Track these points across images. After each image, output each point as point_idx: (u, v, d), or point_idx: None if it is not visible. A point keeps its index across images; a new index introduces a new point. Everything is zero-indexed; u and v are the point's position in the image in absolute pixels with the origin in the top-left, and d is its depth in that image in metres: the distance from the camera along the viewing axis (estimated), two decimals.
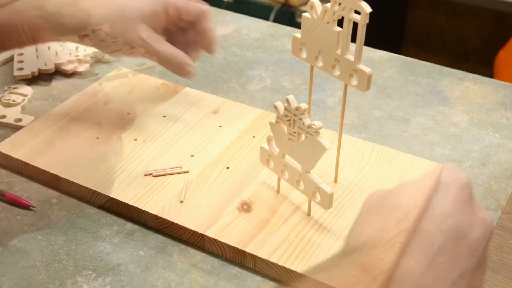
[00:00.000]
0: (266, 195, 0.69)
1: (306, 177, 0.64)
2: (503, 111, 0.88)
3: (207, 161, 0.74)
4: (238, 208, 0.68)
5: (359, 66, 0.62)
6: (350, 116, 0.86)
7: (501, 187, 0.74)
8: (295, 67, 0.97)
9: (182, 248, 0.66)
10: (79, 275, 0.62)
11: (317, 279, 0.51)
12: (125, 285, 0.61)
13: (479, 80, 0.95)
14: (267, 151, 0.68)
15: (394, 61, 1.00)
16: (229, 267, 0.64)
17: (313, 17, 0.63)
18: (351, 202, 0.69)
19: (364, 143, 0.78)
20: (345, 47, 0.62)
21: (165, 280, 0.62)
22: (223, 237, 0.64)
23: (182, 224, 0.65)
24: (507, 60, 1.68)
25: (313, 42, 0.65)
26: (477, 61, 2.36)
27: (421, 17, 2.45)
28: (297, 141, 0.63)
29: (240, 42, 1.04)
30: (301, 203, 0.68)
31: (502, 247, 0.65)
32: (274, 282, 0.62)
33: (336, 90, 0.92)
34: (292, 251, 0.62)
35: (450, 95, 0.91)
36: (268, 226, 0.65)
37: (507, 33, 1.96)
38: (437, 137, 0.82)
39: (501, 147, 0.81)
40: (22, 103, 0.86)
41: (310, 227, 0.65)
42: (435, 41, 2.46)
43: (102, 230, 0.68)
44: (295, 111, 0.62)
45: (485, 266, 0.47)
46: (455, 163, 0.78)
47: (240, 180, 0.71)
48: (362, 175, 0.72)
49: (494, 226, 0.49)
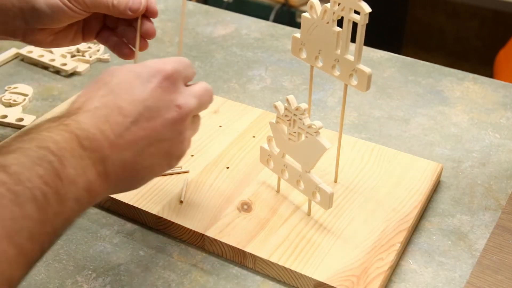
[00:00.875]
0: (266, 195, 0.69)
1: (306, 177, 0.64)
2: (503, 111, 0.88)
3: (207, 161, 0.74)
4: (238, 208, 0.68)
5: (359, 66, 0.62)
6: (350, 116, 0.86)
7: (501, 187, 0.74)
8: (295, 67, 0.97)
9: (182, 248, 0.66)
10: (79, 275, 0.62)
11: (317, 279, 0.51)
12: (125, 285, 0.61)
13: (479, 80, 0.95)
14: (267, 151, 0.68)
15: (394, 61, 1.00)
16: (229, 267, 0.64)
17: (312, 17, 0.63)
18: (351, 202, 0.69)
19: (364, 143, 0.78)
20: (344, 47, 0.62)
21: (165, 280, 0.62)
22: (223, 237, 0.64)
23: (182, 224, 0.65)
24: (507, 60, 1.68)
25: (313, 42, 0.65)
26: (477, 61, 2.36)
27: (421, 17, 2.45)
28: (297, 141, 0.63)
29: (240, 42, 1.04)
30: (301, 203, 0.68)
31: (502, 247, 0.65)
32: (274, 282, 0.62)
33: (336, 90, 0.92)
34: (292, 251, 0.62)
35: (450, 95, 0.91)
36: (268, 226, 0.65)
37: (507, 33, 1.96)
38: (437, 137, 0.83)
39: (501, 147, 0.81)
40: (23, 102, 0.86)
41: (310, 227, 0.65)
42: (435, 41, 2.46)
43: (102, 230, 0.68)
44: (295, 111, 0.62)
45: (186, 136, 0.57)
46: (455, 162, 0.78)
47: (240, 180, 0.71)
48: (362, 175, 0.72)
49: (192, 108, 0.57)
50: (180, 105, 0.55)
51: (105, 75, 0.55)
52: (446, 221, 0.69)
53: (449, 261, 0.64)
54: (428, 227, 0.68)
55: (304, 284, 0.61)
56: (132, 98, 0.53)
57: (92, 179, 0.49)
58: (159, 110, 0.54)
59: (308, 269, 0.60)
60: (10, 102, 0.85)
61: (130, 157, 0.53)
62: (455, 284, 0.62)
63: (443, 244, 0.66)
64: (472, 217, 0.70)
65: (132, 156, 0.53)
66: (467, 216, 0.70)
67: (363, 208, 0.68)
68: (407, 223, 0.66)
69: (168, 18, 1.13)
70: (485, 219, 0.69)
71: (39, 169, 0.45)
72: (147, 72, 0.55)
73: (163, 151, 0.55)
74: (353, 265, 0.61)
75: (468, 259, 0.65)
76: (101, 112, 0.52)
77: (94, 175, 0.50)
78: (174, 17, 1.13)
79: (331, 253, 0.62)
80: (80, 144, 0.49)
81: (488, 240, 0.66)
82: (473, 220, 0.69)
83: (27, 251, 0.42)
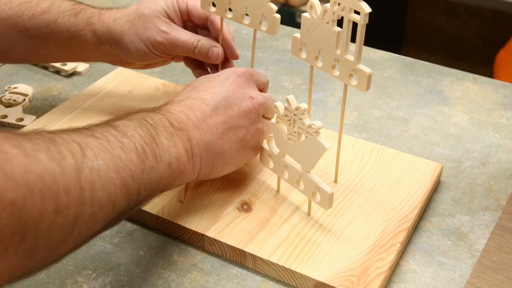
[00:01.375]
0: (266, 195, 0.69)
1: (306, 177, 0.64)
2: (503, 111, 0.88)
3: None
4: (238, 208, 0.68)
5: (359, 66, 0.62)
6: (350, 116, 0.86)
7: (501, 187, 0.74)
8: (295, 67, 0.97)
9: (182, 248, 0.66)
10: (79, 275, 0.62)
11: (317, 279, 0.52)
12: (125, 285, 0.61)
13: (479, 80, 0.95)
14: (267, 151, 0.68)
15: (394, 61, 1.00)
16: (229, 267, 0.64)
17: (312, 17, 0.63)
18: (351, 202, 0.69)
19: (364, 143, 0.78)
20: (344, 47, 0.62)
21: (165, 280, 0.62)
22: (223, 237, 0.64)
23: (182, 224, 0.65)
24: (507, 60, 1.68)
25: (313, 42, 0.65)
26: (477, 61, 2.36)
27: (421, 17, 2.45)
28: (297, 141, 0.63)
29: (240, 42, 1.04)
30: (301, 203, 0.68)
31: (502, 247, 0.65)
32: (274, 282, 0.62)
33: (336, 90, 0.92)
34: (292, 251, 0.62)
35: (450, 95, 0.91)
36: (268, 226, 0.65)
37: (507, 33, 1.96)
38: (437, 137, 0.83)
39: (501, 147, 0.81)
40: (23, 103, 0.86)
41: (310, 227, 0.65)
42: (435, 41, 2.46)
43: None
44: (295, 111, 0.62)
45: (260, 127, 0.66)
46: (455, 162, 0.78)
47: (240, 180, 0.71)
48: (362, 175, 0.72)
49: (264, 101, 0.67)
50: (253, 97, 0.66)
51: (190, 83, 0.67)
52: (446, 221, 0.69)
53: (449, 261, 0.64)
54: (428, 227, 0.68)
55: (304, 284, 0.61)
56: (212, 91, 0.64)
57: (181, 153, 0.59)
58: (235, 100, 0.65)
59: (308, 269, 0.60)
60: (10, 102, 0.85)
61: (212, 140, 0.62)
62: (455, 284, 0.62)
63: (443, 244, 0.66)
64: (472, 217, 0.70)
65: (214, 139, 0.62)
66: (467, 216, 0.70)
67: (363, 208, 0.68)
68: (407, 223, 0.66)
69: None
70: (485, 219, 0.69)
71: (140, 131, 0.56)
72: (223, 73, 0.67)
73: (240, 136, 0.65)
74: (353, 265, 0.61)
75: (468, 259, 0.65)
76: (186, 102, 0.63)
77: (182, 150, 0.59)
78: None
79: (331, 253, 0.62)
80: (170, 123, 0.60)
81: (488, 240, 0.66)
82: (473, 220, 0.69)
83: (129, 185, 0.52)
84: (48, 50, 0.76)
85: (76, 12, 0.74)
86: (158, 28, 0.73)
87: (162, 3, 0.74)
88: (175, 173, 0.59)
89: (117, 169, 0.51)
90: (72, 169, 0.46)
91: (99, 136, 0.52)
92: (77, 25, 0.74)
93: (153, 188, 0.56)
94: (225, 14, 0.73)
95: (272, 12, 0.69)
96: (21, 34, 0.74)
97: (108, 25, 0.74)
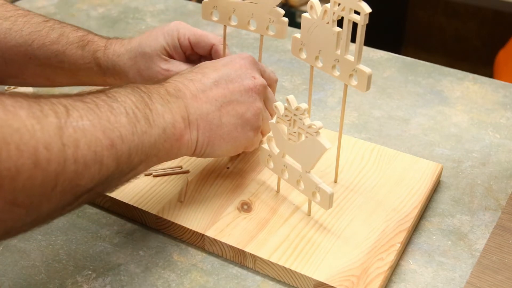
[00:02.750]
0: (266, 195, 0.69)
1: (306, 177, 0.64)
2: (503, 111, 0.88)
3: (207, 161, 0.74)
4: (238, 208, 0.68)
5: (359, 66, 0.62)
6: (350, 116, 0.86)
7: (501, 187, 0.74)
8: (295, 67, 0.97)
9: (182, 248, 0.66)
10: (79, 275, 0.62)
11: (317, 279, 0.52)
12: (125, 285, 0.61)
13: (479, 80, 0.95)
14: (267, 151, 0.68)
15: (394, 61, 1.00)
16: (229, 267, 0.64)
17: (313, 17, 0.63)
18: (351, 202, 0.69)
19: (364, 143, 0.78)
20: (344, 47, 0.62)
21: (165, 280, 0.62)
22: (223, 237, 0.64)
23: (182, 224, 0.65)
24: (507, 60, 1.68)
25: (313, 42, 0.65)
26: (477, 61, 2.36)
27: (421, 17, 2.45)
28: (297, 141, 0.63)
29: (240, 42, 1.04)
30: (301, 203, 0.68)
31: (502, 247, 0.65)
32: (274, 282, 0.62)
33: (336, 90, 0.92)
34: (292, 251, 0.62)
35: (450, 95, 0.91)
36: (268, 226, 0.65)
37: (507, 33, 1.96)
38: (437, 137, 0.83)
39: (501, 147, 0.81)
40: None
41: (310, 227, 0.65)
42: (435, 41, 2.47)
43: (102, 230, 0.68)
44: (295, 111, 0.62)
45: (260, 106, 0.66)
46: (455, 162, 0.78)
47: (240, 180, 0.71)
48: (362, 175, 0.72)
49: (266, 84, 0.68)
50: (255, 77, 0.67)
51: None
52: (446, 221, 0.69)
53: (449, 261, 0.64)
54: (428, 227, 0.68)
55: (304, 284, 0.61)
56: (215, 67, 0.66)
57: (177, 119, 0.59)
58: (237, 76, 0.66)
59: (308, 269, 0.60)
60: None
61: (209, 110, 0.63)
62: (455, 284, 0.62)
63: (443, 244, 0.66)
64: (472, 217, 0.70)
65: (212, 110, 0.63)
66: (467, 216, 0.70)
67: (363, 208, 0.68)
68: (407, 223, 0.66)
69: (168, 18, 1.13)
70: (485, 219, 0.69)
71: (131, 96, 0.56)
72: (228, 57, 0.69)
73: (239, 112, 0.65)
74: (353, 265, 0.61)
75: (468, 259, 0.65)
76: (188, 75, 0.64)
77: (178, 117, 0.60)
78: (174, 17, 1.13)
79: (331, 253, 0.62)
80: (167, 91, 0.60)
81: (488, 240, 0.66)
82: (473, 220, 0.69)
83: (117, 146, 0.52)
84: (57, 76, 0.77)
85: (83, 45, 0.75)
86: (160, 67, 0.73)
87: (162, 41, 0.73)
88: (171, 139, 0.59)
89: (104, 130, 0.51)
90: (54, 127, 0.46)
91: (88, 101, 0.52)
92: (84, 58, 0.75)
93: (146, 153, 0.56)
94: (229, 22, 0.72)
95: (279, 16, 0.68)
96: (31, 62, 0.75)
97: (113, 61, 0.75)
